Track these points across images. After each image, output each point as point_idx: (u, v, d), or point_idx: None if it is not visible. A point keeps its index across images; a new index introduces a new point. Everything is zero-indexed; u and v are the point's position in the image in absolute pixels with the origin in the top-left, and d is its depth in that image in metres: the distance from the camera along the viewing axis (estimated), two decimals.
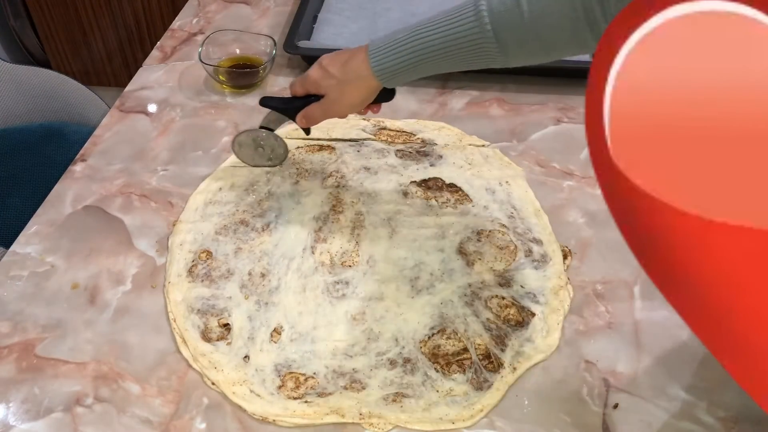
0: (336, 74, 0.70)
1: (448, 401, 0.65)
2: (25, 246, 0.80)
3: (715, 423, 0.64)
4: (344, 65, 0.69)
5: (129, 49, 2.09)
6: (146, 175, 0.90)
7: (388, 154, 0.91)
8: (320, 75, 0.71)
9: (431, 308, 0.72)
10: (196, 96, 1.03)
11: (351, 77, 0.69)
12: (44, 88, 1.28)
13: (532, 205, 0.84)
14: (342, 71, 0.69)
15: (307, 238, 0.79)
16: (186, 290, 0.74)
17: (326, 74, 0.70)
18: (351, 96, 0.70)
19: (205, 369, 0.67)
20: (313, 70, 0.72)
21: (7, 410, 0.65)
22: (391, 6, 1.17)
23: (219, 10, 1.23)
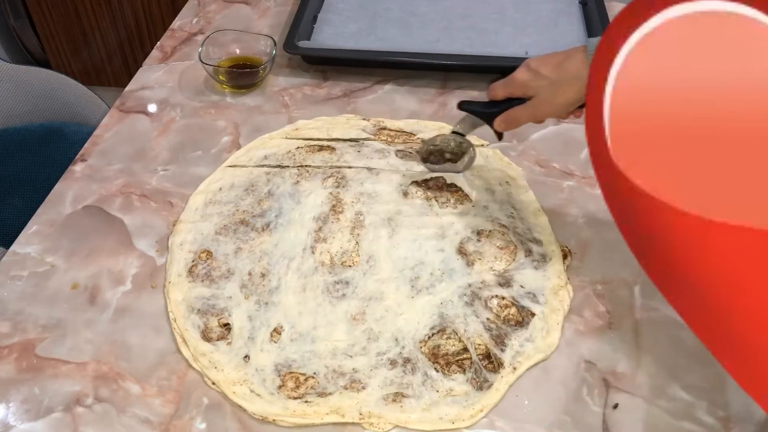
0: (549, 75, 0.68)
1: (448, 401, 0.65)
2: (25, 246, 0.80)
3: (715, 423, 0.64)
4: (558, 66, 0.68)
5: (129, 49, 2.09)
6: (146, 175, 0.90)
7: (389, 154, 0.91)
8: (530, 76, 0.70)
9: (431, 308, 0.72)
10: (196, 96, 1.03)
11: (567, 77, 0.67)
12: (44, 88, 1.28)
13: (532, 205, 0.84)
14: (556, 72, 0.68)
15: (307, 238, 0.79)
16: (186, 290, 0.74)
17: (537, 75, 0.69)
18: (566, 95, 0.69)
19: (205, 369, 0.67)
20: (520, 72, 0.71)
21: (7, 410, 0.65)
22: (391, 6, 1.17)
23: (219, 10, 1.23)
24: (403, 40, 1.09)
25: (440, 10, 1.16)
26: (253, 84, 1.04)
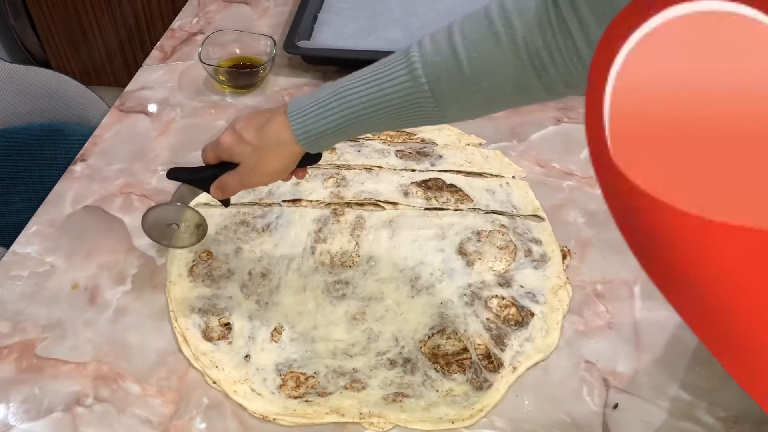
0: (251, 140, 0.60)
1: (448, 401, 0.65)
2: (25, 246, 0.80)
3: (715, 423, 0.64)
4: (260, 130, 0.60)
5: (129, 49, 2.09)
6: (146, 175, 0.90)
7: (388, 155, 0.91)
8: (233, 141, 0.62)
9: (431, 308, 0.72)
10: (196, 96, 1.03)
11: (270, 143, 0.60)
12: (44, 88, 1.28)
13: (532, 205, 0.84)
14: (258, 137, 0.60)
15: (307, 238, 0.79)
16: (187, 290, 0.74)
17: (240, 140, 0.61)
18: (270, 164, 0.61)
19: (206, 368, 0.67)
20: (225, 134, 0.63)
21: (7, 410, 0.65)
22: (391, 6, 1.17)
23: (219, 10, 1.23)
24: (403, 40, 1.09)
25: (440, 10, 1.16)
26: (253, 84, 1.04)
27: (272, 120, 0.59)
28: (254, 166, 0.62)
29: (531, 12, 0.49)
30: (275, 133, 0.59)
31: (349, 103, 0.56)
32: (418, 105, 0.54)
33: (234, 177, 0.64)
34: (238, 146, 0.62)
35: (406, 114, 0.55)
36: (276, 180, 0.64)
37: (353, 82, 0.56)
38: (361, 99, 0.55)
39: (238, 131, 0.61)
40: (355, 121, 0.56)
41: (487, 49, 0.51)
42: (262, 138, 0.60)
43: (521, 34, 0.49)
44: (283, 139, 0.59)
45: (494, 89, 0.52)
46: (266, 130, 0.60)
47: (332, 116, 0.56)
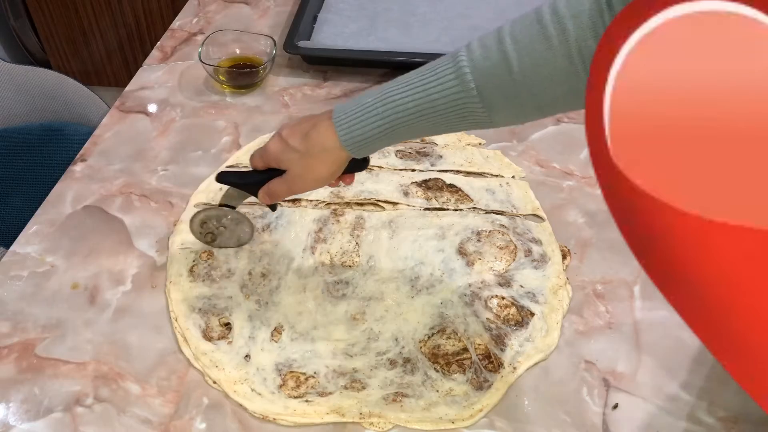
0: (298, 147, 0.60)
1: (448, 401, 0.65)
2: (25, 246, 0.80)
3: (715, 423, 0.64)
4: (306, 136, 0.60)
5: (129, 49, 2.09)
6: (146, 175, 0.90)
7: (389, 155, 0.91)
8: (280, 148, 0.62)
9: (431, 308, 0.72)
10: (196, 96, 1.03)
11: (315, 150, 0.59)
12: (44, 88, 1.28)
13: (531, 205, 0.84)
14: (304, 144, 0.60)
15: (307, 238, 0.79)
16: (187, 289, 0.74)
17: (286, 147, 0.61)
18: (317, 170, 0.61)
19: (206, 368, 0.67)
20: (273, 142, 0.63)
21: (7, 410, 0.65)
22: (391, 6, 1.17)
23: (219, 10, 1.23)
24: (403, 40, 1.09)
25: (440, 10, 1.16)
26: (253, 84, 1.04)
27: (317, 126, 0.59)
28: (301, 172, 0.62)
29: (585, 15, 0.48)
30: (321, 139, 0.59)
31: (395, 107, 0.55)
32: (467, 110, 0.54)
33: (282, 184, 0.64)
34: (285, 153, 0.62)
35: (453, 119, 0.55)
36: (323, 186, 0.64)
37: (399, 87, 0.55)
38: (407, 104, 0.55)
39: (285, 138, 0.62)
40: (400, 125, 0.56)
41: (539, 54, 0.50)
42: (307, 144, 0.60)
43: (574, 38, 0.48)
44: (329, 145, 0.59)
45: (546, 94, 0.51)
46: (312, 137, 0.59)
47: (378, 121, 0.56)
